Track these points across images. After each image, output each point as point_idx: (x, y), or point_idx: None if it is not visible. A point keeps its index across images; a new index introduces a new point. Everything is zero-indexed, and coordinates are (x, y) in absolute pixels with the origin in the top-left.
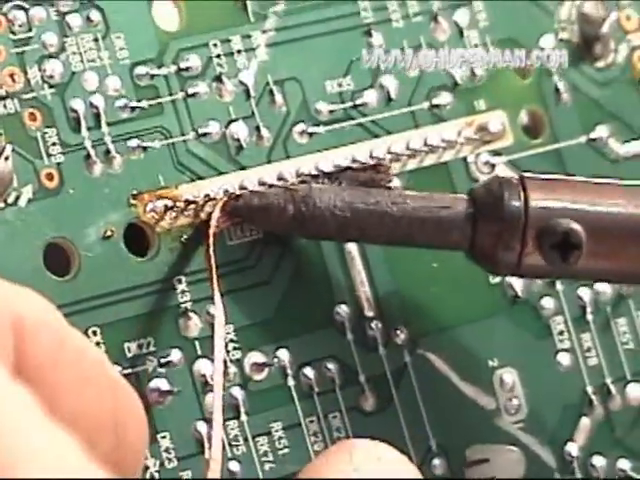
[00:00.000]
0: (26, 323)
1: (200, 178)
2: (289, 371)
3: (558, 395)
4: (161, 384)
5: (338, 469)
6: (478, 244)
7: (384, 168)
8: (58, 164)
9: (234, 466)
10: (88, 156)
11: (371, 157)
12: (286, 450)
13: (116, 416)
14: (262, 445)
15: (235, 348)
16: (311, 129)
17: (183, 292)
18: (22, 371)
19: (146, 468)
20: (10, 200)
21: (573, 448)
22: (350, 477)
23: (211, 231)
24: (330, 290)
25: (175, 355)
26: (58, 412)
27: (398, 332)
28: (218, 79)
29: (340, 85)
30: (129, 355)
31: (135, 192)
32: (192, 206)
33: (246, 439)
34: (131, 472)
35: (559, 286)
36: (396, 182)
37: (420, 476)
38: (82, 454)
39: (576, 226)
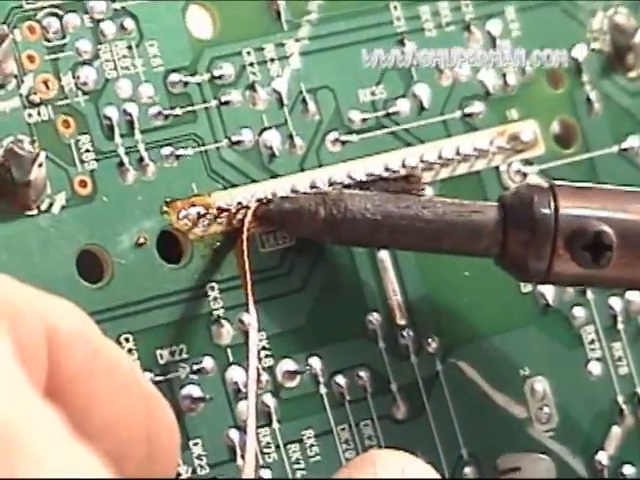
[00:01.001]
0: (61, 334)
1: (233, 186)
2: (321, 379)
3: (589, 404)
4: (193, 391)
5: None
6: (508, 250)
7: (415, 178)
8: (91, 171)
9: (266, 473)
10: (121, 163)
11: (403, 166)
12: (317, 458)
13: (148, 426)
14: (294, 452)
15: (267, 356)
16: (344, 137)
17: (215, 299)
18: (56, 382)
19: (178, 475)
20: (43, 207)
21: (604, 457)
22: None
23: (244, 236)
24: (362, 298)
25: (207, 362)
26: (91, 422)
27: (430, 341)
28: (251, 87)
29: (373, 94)
30: (161, 362)
31: (168, 199)
32: (225, 213)
33: (278, 446)
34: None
35: (590, 295)
36: (428, 192)
37: None
38: (107, 474)
39: (607, 228)
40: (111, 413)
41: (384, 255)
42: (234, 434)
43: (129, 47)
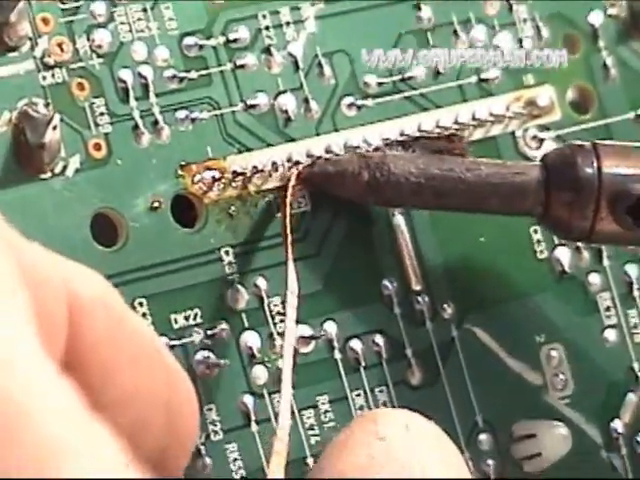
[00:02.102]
0: (83, 301)
1: (248, 150)
2: (336, 344)
3: (604, 371)
4: (207, 356)
5: (364, 440)
6: (551, 210)
7: (458, 138)
8: (106, 134)
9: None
10: (136, 127)
11: (419, 131)
12: (332, 424)
13: (169, 396)
14: (308, 418)
15: (282, 321)
16: (359, 102)
17: (230, 264)
18: (77, 349)
19: None
20: (57, 170)
21: (619, 424)
22: (377, 447)
23: (287, 200)
24: (377, 264)
25: (222, 327)
26: (111, 391)
27: (445, 306)
28: (267, 51)
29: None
30: (175, 327)
31: (183, 163)
32: (240, 177)
33: (292, 412)
34: (182, 454)
35: (606, 262)
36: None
37: (450, 443)
38: (122, 455)
39: None
40: (131, 382)
41: (400, 220)
42: (248, 399)
43: (144, 10)
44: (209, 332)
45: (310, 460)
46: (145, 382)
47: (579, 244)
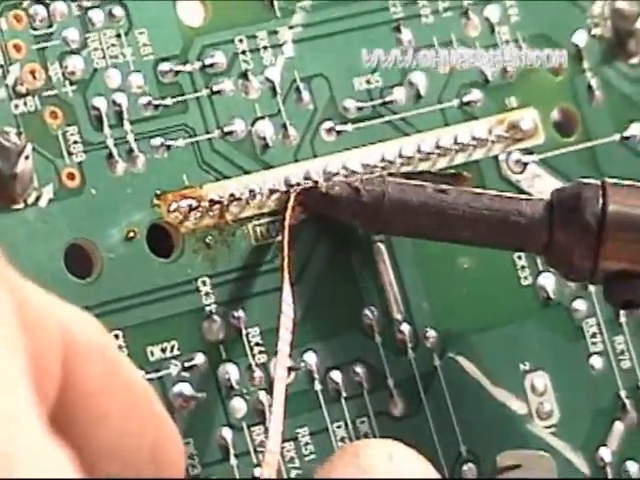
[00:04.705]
0: (79, 345)
1: (225, 177)
2: (316, 375)
3: (591, 399)
4: (185, 389)
5: (347, 472)
6: (553, 250)
7: (463, 178)
8: (79, 163)
9: (260, 472)
10: (110, 155)
11: (400, 156)
12: (313, 456)
13: (156, 448)
14: (288, 451)
15: (261, 352)
16: (339, 127)
17: (207, 294)
18: (68, 396)
19: None
20: (30, 200)
21: (606, 453)
22: (358, 477)
23: (286, 223)
24: (358, 292)
25: (199, 359)
26: (98, 442)
27: (427, 335)
28: (244, 76)
29: (368, 82)
30: (152, 359)
31: (159, 192)
32: (217, 206)
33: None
34: None
35: (592, 288)
36: None
37: (435, 474)
38: None
39: None
40: (120, 433)
41: (381, 248)
42: (226, 432)
43: (118, 35)
44: (186, 364)
45: None
46: (134, 435)
47: None
